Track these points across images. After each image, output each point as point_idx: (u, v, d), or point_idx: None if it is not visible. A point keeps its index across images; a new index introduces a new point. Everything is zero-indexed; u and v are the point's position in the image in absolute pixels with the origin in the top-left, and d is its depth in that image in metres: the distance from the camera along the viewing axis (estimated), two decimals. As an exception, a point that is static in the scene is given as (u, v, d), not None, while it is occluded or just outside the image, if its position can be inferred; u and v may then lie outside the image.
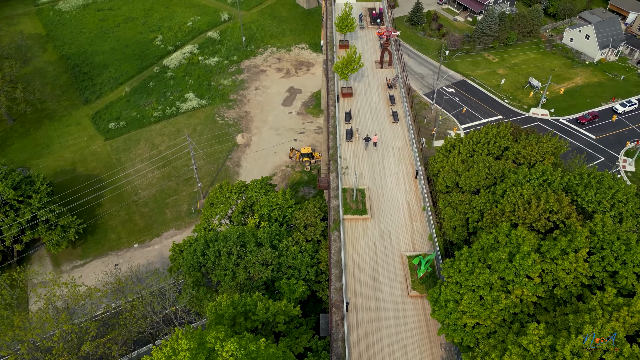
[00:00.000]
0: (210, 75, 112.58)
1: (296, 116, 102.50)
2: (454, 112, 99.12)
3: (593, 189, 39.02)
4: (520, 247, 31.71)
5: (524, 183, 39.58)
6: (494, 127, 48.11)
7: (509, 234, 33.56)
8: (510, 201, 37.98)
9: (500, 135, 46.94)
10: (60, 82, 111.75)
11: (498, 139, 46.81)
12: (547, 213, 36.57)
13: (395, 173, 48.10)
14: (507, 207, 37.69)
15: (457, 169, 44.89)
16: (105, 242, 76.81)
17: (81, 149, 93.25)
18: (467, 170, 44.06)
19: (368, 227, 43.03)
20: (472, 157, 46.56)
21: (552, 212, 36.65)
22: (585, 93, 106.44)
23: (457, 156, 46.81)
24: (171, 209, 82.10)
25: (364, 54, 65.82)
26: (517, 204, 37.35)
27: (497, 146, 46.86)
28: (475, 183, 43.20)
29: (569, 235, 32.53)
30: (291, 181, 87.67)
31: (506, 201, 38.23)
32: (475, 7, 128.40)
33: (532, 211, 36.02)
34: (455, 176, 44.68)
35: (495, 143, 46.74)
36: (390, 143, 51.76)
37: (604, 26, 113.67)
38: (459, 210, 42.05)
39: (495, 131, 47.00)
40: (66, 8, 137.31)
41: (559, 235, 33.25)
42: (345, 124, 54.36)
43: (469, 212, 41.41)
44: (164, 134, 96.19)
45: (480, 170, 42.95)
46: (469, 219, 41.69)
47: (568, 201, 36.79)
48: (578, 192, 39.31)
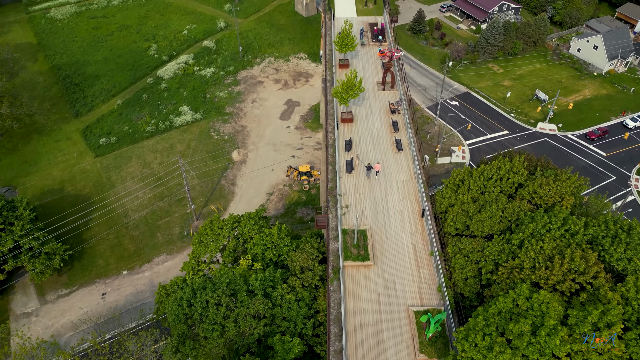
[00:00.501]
0: (205, 87, 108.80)
1: (294, 131, 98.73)
2: (459, 129, 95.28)
3: (622, 244, 35.24)
4: (544, 317, 27.99)
5: (544, 233, 35.85)
6: (506, 161, 44.29)
7: (530, 297, 29.85)
8: (530, 256, 34.27)
9: (514, 171, 43.17)
10: (51, 93, 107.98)
11: (511, 174, 43.04)
12: (572, 273, 32.77)
13: (400, 211, 44.31)
14: (527, 263, 33.98)
15: (467, 209, 41.15)
16: (92, 269, 73.03)
17: (70, 166, 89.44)
18: (478, 211, 40.34)
19: (371, 275, 39.28)
20: (484, 194, 42.80)
21: (578, 273, 32.82)
22: (594, 106, 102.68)
23: (466, 193, 43.04)
24: (163, 232, 78.31)
25: (365, 73, 62.03)
26: (538, 260, 33.66)
27: (510, 182, 43.13)
28: (488, 228, 39.49)
29: (599, 306, 28.72)
30: (289, 201, 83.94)
31: (525, 255, 34.52)
32: (479, 15, 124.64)
33: (555, 271, 32.32)
34: (466, 218, 40.97)
35: (508, 179, 43.00)
36: (394, 176, 47.96)
37: (612, 36, 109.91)
38: (470, 259, 38.35)
39: (509, 166, 43.21)
40: (58, 15, 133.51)
41: (588, 303, 29.52)
42: (345, 154, 50.59)
43: (482, 260, 37.71)
44: (156, 151, 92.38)
45: (493, 213, 39.23)
46: (481, 269, 37.97)
47: (595, 258, 33.08)
48: (605, 247, 35.58)
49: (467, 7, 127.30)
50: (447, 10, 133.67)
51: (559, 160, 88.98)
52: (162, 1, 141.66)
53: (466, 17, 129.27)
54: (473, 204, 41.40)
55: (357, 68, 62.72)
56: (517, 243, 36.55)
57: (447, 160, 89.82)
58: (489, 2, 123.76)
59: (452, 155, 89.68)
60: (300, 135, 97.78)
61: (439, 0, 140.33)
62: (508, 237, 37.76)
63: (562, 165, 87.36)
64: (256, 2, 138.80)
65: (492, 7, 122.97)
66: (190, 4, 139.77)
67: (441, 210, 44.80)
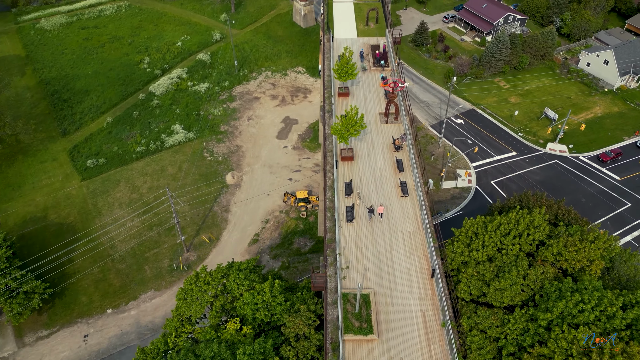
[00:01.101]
0: (199, 103, 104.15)
1: (292, 151, 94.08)
2: (466, 152, 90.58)
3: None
4: None
5: (575, 314, 31.30)
6: (524, 212, 39.64)
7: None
8: (561, 346, 29.75)
9: (534, 226, 38.57)
10: (38, 110, 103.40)
11: (532, 229, 38.46)
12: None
13: (407, 269, 39.68)
14: (558, 355, 29.45)
15: (483, 271, 36.57)
16: (75, 307, 68.34)
17: (55, 191, 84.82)
18: (496, 275, 35.76)
19: (374, 351, 34.65)
20: (501, 252, 38.21)
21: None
22: (605, 125, 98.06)
23: (481, 249, 38.43)
24: (151, 264, 73.65)
25: (366, 103, 57.40)
26: (571, 353, 29.14)
27: (530, 239, 38.53)
28: (508, 299, 34.99)
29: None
30: (285, 230, 79.27)
31: (555, 344, 29.99)
32: (484, 27, 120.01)
33: (592, 369, 27.92)
34: (482, 283, 36.42)
35: (528, 235, 38.42)
36: (399, 225, 43.29)
37: (624, 50, 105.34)
38: (488, 336, 33.81)
39: (528, 220, 38.61)
40: (48, 26, 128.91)
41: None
42: (345, 199, 45.97)
43: (502, 338, 33.18)
44: (146, 174, 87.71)
45: (513, 281, 34.69)
46: (502, 349, 33.41)
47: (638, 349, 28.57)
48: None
49: (472, 18, 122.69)
50: (451, 20, 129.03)
51: (571, 185, 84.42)
52: (156, 11, 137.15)
53: (470, 29, 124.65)
54: (489, 265, 36.82)
55: (357, 97, 58.12)
56: (545, 324, 31.97)
57: (453, 185, 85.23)
58: (495, 14, 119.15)
59: (458, 180, 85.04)
60: (298, 155, 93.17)
61: (442, 10, 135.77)
62: (532, 312, 33.18)
63: (574, 191, 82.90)
64: (253, 12, 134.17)
65: (497, 19, 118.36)
66: (185, 14, 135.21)
67: (453, 267, 40.21)
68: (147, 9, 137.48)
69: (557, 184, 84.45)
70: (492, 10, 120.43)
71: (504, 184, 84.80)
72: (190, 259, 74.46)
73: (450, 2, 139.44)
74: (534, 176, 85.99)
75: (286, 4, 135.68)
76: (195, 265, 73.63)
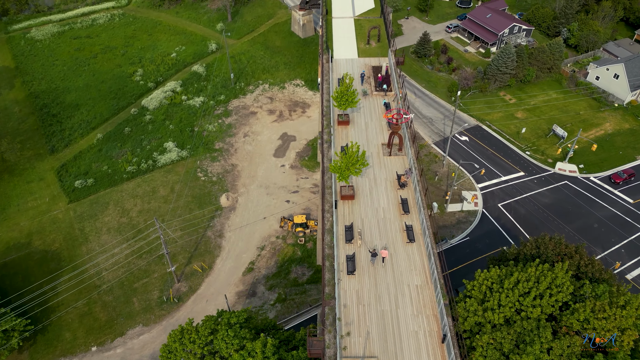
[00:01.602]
0: (193, 119, 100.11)
1: (289, 170, 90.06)
2: (473, 174, 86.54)
3: None
4: None
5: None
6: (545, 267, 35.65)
7: None
8: None
9: (556, 284, 34.63)
10: (26, 126, 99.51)
11: (554, 289, 34.51)
12: None
13: (414, 332, 35.68)
14: None
15: (500, 339, 32.67)
16: (58, 344, 64.32)
17: (40, 214, 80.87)
18: (516, 346, 31.84)
19: None
20: (519, 313, 34.28)
21: None
22: (616, 143, 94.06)
23: (497, 310, 34.49)
24: (140, 296, 69.62)
25: (367, 133, 53.40)
26: None
27: (553, 300, 34.59)
28: (530, 377, 31.19)
29: None
30: (282, 257, 75.26)
31: None
32: (488, 38, 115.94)
33: None
34: (500, 354, 32.49)
35: (551, 297, 34.49)
36: (405, 279, 39.23)
37: (635, 64, 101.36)
38: (508, 421, 29.98)
39: (550, 279, 34.64)
40: (39, 36, 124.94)
41: None
42: (345, 245, 41.95)
43: None
44: (136, 195, 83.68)
45: (537, 356, 30.80)
46: None
47: None
48: None
49: (476, 28, 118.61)
50: (454, 30, 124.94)
51: (582, 208, 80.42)
52: (150, 19, 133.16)
53: (474, 39, 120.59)
54: (507, 331, 32.88)
55: (358, 125, 54.10)
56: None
57: (458, 208, 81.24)
58: (500, 24, 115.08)
59: (464, 203, 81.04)
60: (296, 175, 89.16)
61: (445, 19, 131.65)
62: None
63: (586, 215, 78.93)
64: (250, 21, 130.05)
65: (502, 30, 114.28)
66: (181, 23, 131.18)
67: (465, 327, 36.25)
68: (141, 18, 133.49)
69: (568, 208, 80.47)
70: (497, 20, 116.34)
71: (511, 207, 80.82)
72: (181, 290, 70.47)
73: (453, 11, 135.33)
74: (543, 199, 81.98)
75: (284, 13, 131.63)
76: (186, 297, 69.64)
